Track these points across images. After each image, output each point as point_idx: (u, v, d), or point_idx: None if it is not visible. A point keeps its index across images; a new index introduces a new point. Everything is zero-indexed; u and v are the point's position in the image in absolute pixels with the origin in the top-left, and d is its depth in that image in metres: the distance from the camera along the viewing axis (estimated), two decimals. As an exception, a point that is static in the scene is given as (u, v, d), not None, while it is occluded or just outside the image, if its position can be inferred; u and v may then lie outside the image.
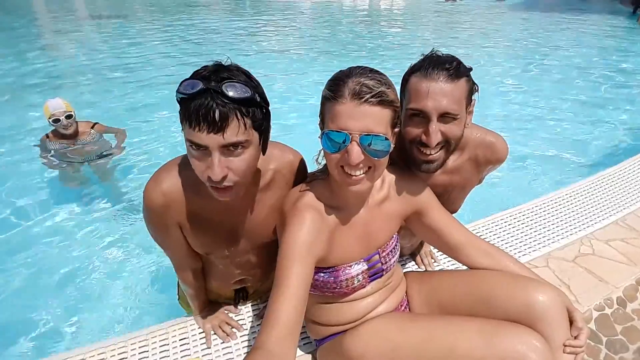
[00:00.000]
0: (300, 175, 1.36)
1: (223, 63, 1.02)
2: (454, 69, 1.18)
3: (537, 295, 1.20)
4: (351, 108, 1.02)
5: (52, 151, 3.60)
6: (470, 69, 1.25)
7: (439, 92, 1.17)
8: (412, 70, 1.24)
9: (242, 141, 0.99)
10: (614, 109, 5.95)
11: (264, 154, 1.15)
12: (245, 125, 0.98)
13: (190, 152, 1.01)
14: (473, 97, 1.27)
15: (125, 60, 8.44)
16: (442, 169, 1.40)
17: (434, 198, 1.39)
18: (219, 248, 1.36)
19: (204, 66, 1.00)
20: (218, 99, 0.93)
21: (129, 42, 10.44)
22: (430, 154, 1.25)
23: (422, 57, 1.26)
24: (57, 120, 3.42)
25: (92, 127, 3.79)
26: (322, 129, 1.11)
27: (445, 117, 1.19)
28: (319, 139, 1.10)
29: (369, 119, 1.02)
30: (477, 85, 1.27)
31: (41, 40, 11.14)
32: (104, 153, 3.79)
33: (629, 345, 1.69)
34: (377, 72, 1.08)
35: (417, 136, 1.23)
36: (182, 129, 1.00)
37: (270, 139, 1.31)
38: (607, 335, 1.72)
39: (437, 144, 1.22)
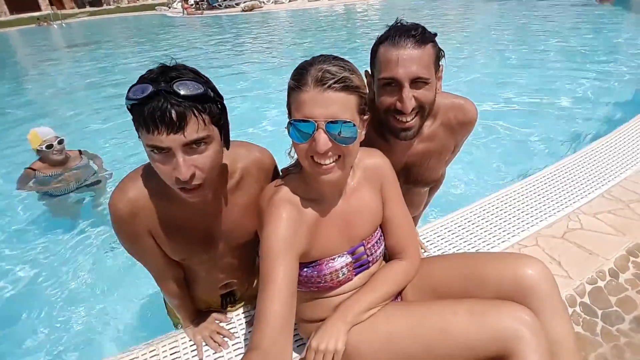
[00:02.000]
0: (271, 171, 1.35)
1: (167, 64, 1.00)
2: (420, 34, 1.22)
3: (526, 269, 1.21)
4: (315, 95, 1.01)
5: (41, 184, 3.53)
6: (435, 35, 1.27)
7: (408, 59, 1.19)
8: (380, 41, 1.27)
9: (204, 137, 0.98)
10: (588, 84, 6.01)
11: (227, 149, 1.13)
12: (204, 121, 0.97)
13: (153, 157, 0.99)
14: (441, 63, 1.30)
15: (104, 84, 8.43)
16: (419, 137, 1.44)
17: (396, 187, 1.37)
18: (196, 253, 1.33)
19: (149, 70, 0.98)
20: (171, 99, 0.92)
21: (107, 66, 10.45)
22: (407, 121, 1.27)
23: (387, 28, 1.28)
24: (50, 146, 3.37)
25: (80, 153, 3.78)
26: (289, 119, 1.10)
27: (417, 82, 1.22)
28: (286, 130, 1.08)
29: (333, 106, 1.01)
30: (444, 51, 1.29)
31: (17, 72, 11.10)
32: (91, 180, 3.77)
33: (624, 316, 1.68)
34: (340, 59, 1.08)
35: (392, 104, 1.26)
36: (139, 136, 0.98)
37: (242, 139, 1.31)
38: (602, 308, 1.71)
39: (412, 110, 1.25)
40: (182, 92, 0.92)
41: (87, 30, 21.09)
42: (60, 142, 3.45)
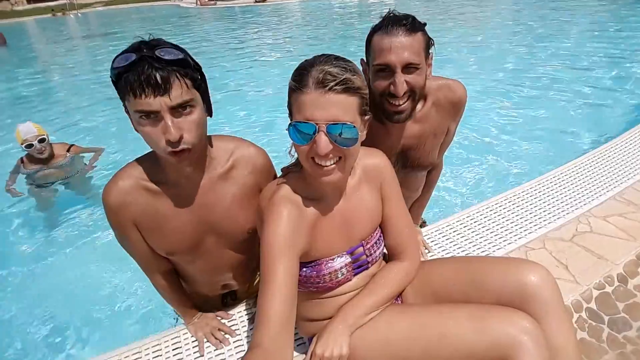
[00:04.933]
0: (266, 167, 1.37)
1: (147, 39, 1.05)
2: (410, 23, 1.30)
3: (528, 275, 1.20)
4: (316, 97, 1.00)
5: (27, 175, 3.59)
6: (425, 24, 1.37)
7: (400, 46, 1.28)
8: (374, 30, 1.36)
9: (188, 100, 1.04)
10: (603, 82, 5.87)
11: (210, 116, 1.19)
12: (186, 84, 1.03)
13: (141, 124, 1.03)
14: (430, 51, 1.39)
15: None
16: (413, 119, 1.53)
17: (395, 183, 1.36)
18: (184, 247, 1.34)
19: (130, 45, 1.03)
20: (155, 63, 0.97)
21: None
22: (400, 104, 1.36)
23: (381, 18, 1.36)
24: (30, 146, 3.38)
25: (68, 150, 3.76)
26: (290, 120, 1.10)
27: (408, 68, 1.31)
28: (287, 131, 1.07)
29: (334, 108, 1.01)
30: (433, 40, 1.39)
31: (32, 63, 11.22)
32: (77, 172, 3.80)
33: (632, 323, 1.65)
34: (342, 59, 1.07)
35: (386, 89, 1.35)
36: (126, 106, 1.03)
37: (254, 128, 1.34)
38: (609, 314, 1.68)
39: (404, 94, 1.34)
40: (165, 57, 0.98)
41: (102, 20, 21.20)
42: (42, 140, 3.43)
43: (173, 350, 1.58)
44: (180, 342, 1.61)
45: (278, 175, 1.34)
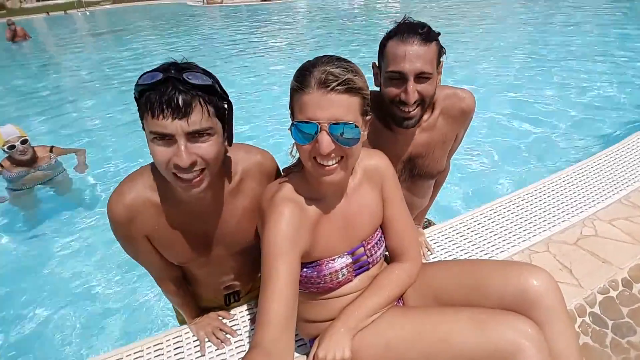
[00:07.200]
0: (273, 173, 1.35)
1: (179, 62, 1.01)
2: (426, 33, 1.31)
3: (531, 280, 1.19)
4: (318, 97, 1.01)
5: (10, 179, 3.57)
6: (439, 34, 1.38)
7: (414, 55, 1.30)
8: (389, 36, 1.37)
9: (207, 128, 0.99)
10: (613, 85, 5.80)
11: (230, 145, 1.14)
12: (208, 112, 0.98)
13: (154, 144, 0.98)
14: (441, 59, 1.41)
15: (116, 74, 8.48)
16: (421, 127, 1.55)
17: (397, 186, 1.36)
18: (194, 257, 1.34)
19: (161, 64, 0.99)
20: (180, 85, 0.94)
21: (124, 56, 10.52)
22: (409, 111, 1.38)
23: (397, 24, 1.36)
24: (12, 147, 3.36)
25: (50, 151, 3.75)
26: (292, 120, 1.10)
27: (420, 77, 1.33)
28: (289, 131, 1.08)
29: (336, 108, 1.02)
30: (445, 49, 1.40)
31: (36, 62, 11.25)
32: (60, 172, 3.79)
33: (636, 328, 1.63)
34: (344, 60, 1.08)
35: (397, 95, 1.36)
36: (143, 123, 0.99)
37: (259, 130, 1.32)
38: (613, 318, 1.66)
39: (414, 102, 1.35)
40: (191, 81, 0.94)
41: (110, 18, 21.28)
42: (24, 142, 3.41)
43: (174, 349, 1.59)
44: (181, 341, 1.62)
45: None
